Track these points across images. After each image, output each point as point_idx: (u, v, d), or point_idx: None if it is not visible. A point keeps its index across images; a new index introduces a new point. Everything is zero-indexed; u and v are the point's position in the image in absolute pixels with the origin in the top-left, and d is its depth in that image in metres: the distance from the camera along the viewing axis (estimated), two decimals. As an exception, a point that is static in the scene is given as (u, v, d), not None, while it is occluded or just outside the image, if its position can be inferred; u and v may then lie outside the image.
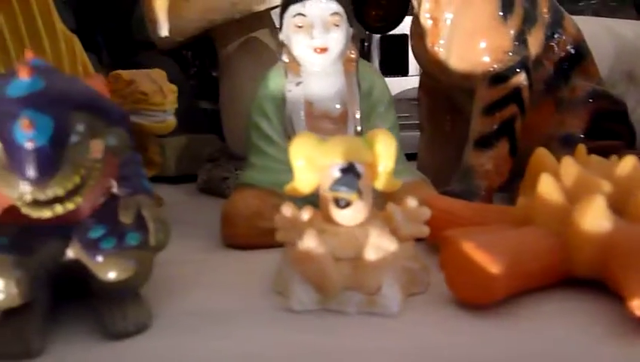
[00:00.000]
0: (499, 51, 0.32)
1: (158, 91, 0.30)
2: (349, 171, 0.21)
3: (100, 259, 0.20)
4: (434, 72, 0.35)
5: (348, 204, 0.21)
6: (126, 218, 0.21)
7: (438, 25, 0.33)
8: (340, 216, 0.21)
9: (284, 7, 0.30)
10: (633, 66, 0.42)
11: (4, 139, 0.16)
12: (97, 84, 0.19)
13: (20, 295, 0.19)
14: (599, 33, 0.42)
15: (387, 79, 0.37)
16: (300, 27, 0.30)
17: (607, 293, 0.22)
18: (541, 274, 0.23)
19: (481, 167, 0.33)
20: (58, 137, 0.17)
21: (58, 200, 0.18)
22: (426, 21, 0.34)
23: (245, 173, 0.31)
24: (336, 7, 0.30)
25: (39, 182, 0.17)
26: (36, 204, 0.18)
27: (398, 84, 0.62)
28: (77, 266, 0.21)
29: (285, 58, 0.31)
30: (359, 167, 0.22)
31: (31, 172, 0.17)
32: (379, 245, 0.20)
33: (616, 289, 0.21)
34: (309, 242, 0.21)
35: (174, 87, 0.30)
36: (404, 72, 0.64)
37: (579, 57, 0.37)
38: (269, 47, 0.41)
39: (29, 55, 0.19)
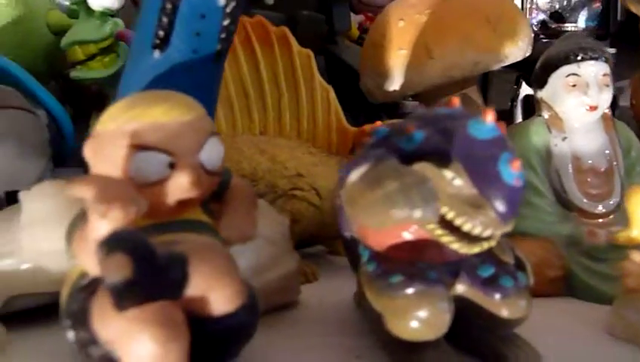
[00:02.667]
0: None
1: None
2: None
3: (497, 296, 0.21)
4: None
5: None
6: (509, 258, 0.22)
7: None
8: None
9: (552, 67, 0.33)
10: None
11: (486, 176, 0.18)
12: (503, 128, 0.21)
13: (447, 326, 0.20)
14: None
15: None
16: (573, 86, 0.32)
17: None
18: None
19: None
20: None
21: (489, 238, 0.20)
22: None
23: (510, 222, 0.33)
24: (607, 69, 0.32)
25: (509, 219, 0.19)
26: (472, 239, 0.20)
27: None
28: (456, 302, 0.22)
29: (546, 114, 0.34)
30: None
31: (509, 209, 0.18)
32: None
33: None
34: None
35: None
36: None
37: None
38: (477, 103, 0.44)
39: (455, 101, 0.21)
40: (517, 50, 0.39)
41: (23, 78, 0.38)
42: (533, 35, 0.43)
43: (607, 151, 0.33)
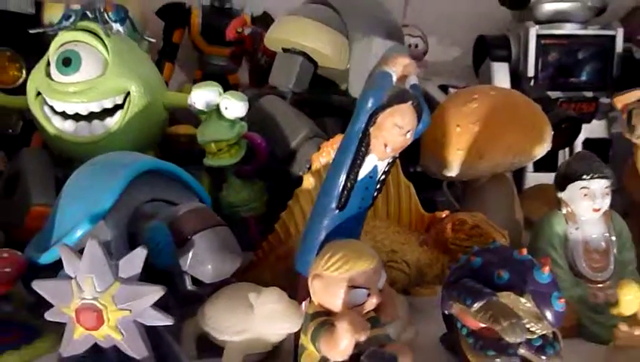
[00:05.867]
0: None
1: (497, 232, 0.48)
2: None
3: (544, 357, 0.37)
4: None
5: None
6: (550, 333, 0.39)
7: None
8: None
9: (571, 180, 0.48)
10: None
11: (544, 305, 0.34)
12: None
13: (518, 378, 0.36)
14: None
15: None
16: (585, 195, 0.48)
17: None
18: None
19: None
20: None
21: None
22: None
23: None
24: (609, 183, 0.48)
25: (556, 326, 0.35)
26: (532, 333, 0.36)
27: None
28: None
29: (564, 210, 0.50)
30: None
31: (557, 323, 0.35)
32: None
33: None
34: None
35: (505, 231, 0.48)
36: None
37: None
38: (509, 181, 0.60)
39: (523, 251, 0.37)
40: (543, 149, 0.55)
41: (183, 176, 0.52)
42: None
43: (605, 235, 0.49)
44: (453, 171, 0.56)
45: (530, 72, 0.82)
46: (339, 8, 0.60)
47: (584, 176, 0.48)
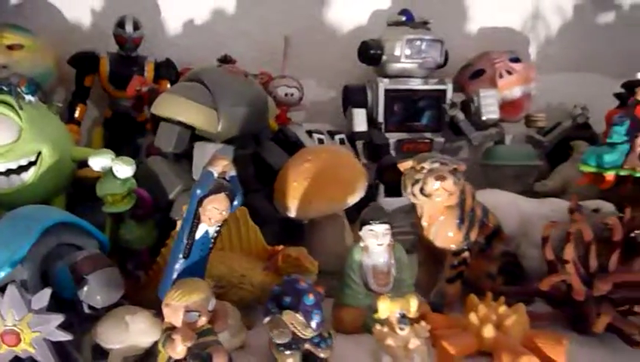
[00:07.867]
0: (458, 240, 0.74)
1: (309, 262, 0.70)
2: (405, 317, 0.62)
3: (320, 349, 0.60)
4: (428, 241, 0.77)
5: (404, 330, 0.62)
6: (325, 333, 0.61)
7: (431, 227, 0.75)
8: (401, 333, 0.62)
9: (364, 223, 0.71)
10: (526, 230, 0.85)
11: (308, 318, 0.57)
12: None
13: (299, 364, 0.59)
14: (509, 207, 0.86)
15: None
16: (372, 234, 0.71)
17: None
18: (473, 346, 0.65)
19: (448, 292, 0.75)
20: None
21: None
22: (425, 222, 0.76)
23: (342, 297, 0.72)
24: (389, 226, 0.71)
25: (317, 332, 0.57)
26: (304, 334, 0.58)
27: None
28: (306, 352, 0.61)
29: (362, 244, 0.73)
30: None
31: (317, 329, 0.57)
32: (416, 342, 0.62)
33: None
34: (390, 341, 0.62)
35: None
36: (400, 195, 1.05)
37: (496, 232, 0.80)
38: (341, 217, 0.82)
39: (302, 281, 0.59)
40: (356, 198, 0.78)
41: (84, 225, 0.71)
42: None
43: (387, 261, 0.72)
44: (291, 214, 0.78)
45: (380, 118, 1.06)
46: (210, 86, 0.80)
47: (371, 222, 0.71)
